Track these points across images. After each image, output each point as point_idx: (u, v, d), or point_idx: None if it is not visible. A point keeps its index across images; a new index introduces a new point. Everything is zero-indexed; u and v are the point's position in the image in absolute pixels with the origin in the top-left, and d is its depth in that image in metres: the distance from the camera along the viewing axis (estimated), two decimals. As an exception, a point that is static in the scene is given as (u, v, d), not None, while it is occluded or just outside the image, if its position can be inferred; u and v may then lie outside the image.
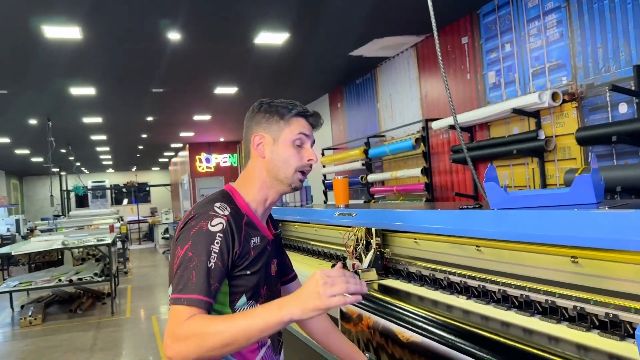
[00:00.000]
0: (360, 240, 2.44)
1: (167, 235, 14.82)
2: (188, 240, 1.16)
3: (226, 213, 1.22)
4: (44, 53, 4.91)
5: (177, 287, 1.11)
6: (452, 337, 1.45)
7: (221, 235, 1.17)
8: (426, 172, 5.40)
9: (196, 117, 9.61)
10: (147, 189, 23.42)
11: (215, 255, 1.15)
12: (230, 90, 7.31)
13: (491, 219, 1.51)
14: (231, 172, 13.62)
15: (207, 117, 9.70)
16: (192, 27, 4.70)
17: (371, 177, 6.44)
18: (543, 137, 4.02)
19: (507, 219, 1.43)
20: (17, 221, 13.70)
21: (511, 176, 4.53)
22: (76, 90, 6.64)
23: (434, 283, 2.04)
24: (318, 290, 0.99)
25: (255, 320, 1.03)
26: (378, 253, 2.37)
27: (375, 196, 6.51)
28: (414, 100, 5.91)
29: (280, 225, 3.83)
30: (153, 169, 24.15)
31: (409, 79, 5.99)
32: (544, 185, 4.10)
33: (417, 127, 5.72)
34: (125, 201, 22.33)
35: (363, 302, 1.89)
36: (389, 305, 1.84)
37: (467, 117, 4.69)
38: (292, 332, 2.40)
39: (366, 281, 2.15)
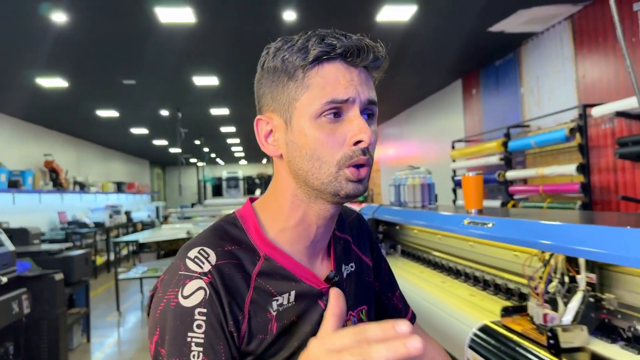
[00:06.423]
0: (556, 272, 1.47)
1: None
2: (155, 326, 0.65)
3: (206, 268, 0.66)
4: (160, 39, 4.80)
5: None
6: None
7: (203, 311, 0.63)
8: (583, 169, 4.40)
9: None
10: (277, 181, 24.03)
11: (199, 352, 0.62)
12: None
13: None
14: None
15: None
16: (308, 2, 4.26)
17: (510, 175, 5.51)
18: None
19: None
20: (157, 208, 14.68)
21: None
22: (199, 81, 6.62)
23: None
24: None
25: None
26: (591, 299, 1.36)
27: (514, 197, 5.58)
28: (568, 82, 4.89)
29: (397, 228, 3.19)
30: (282, 161, 24.81)
31: (562, 58, 4.97)
32: None
33: (572, 115, 4.71)
34: (257, 192, 23.15)
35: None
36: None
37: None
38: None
39: (569, 348, 1.25)
